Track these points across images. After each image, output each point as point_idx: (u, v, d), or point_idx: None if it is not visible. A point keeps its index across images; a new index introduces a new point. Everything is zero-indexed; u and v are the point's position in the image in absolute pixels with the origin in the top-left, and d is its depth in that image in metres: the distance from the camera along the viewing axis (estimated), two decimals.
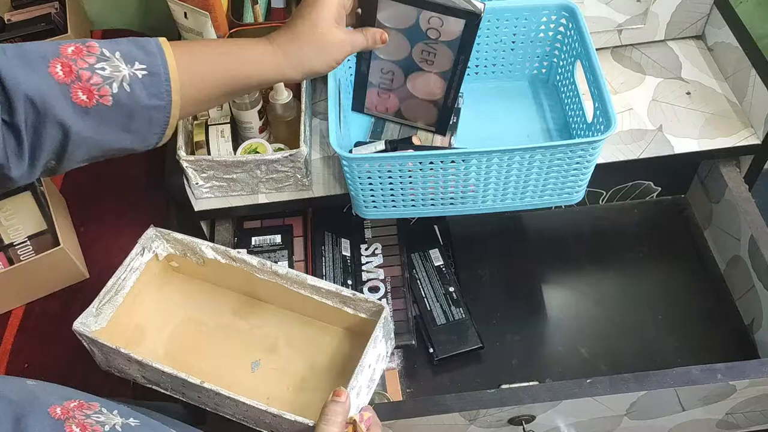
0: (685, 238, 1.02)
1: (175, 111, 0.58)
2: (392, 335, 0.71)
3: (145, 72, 0.56)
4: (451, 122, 0.85)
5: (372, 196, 0.77)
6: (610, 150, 0.86)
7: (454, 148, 0.82)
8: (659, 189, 1.04)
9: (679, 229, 1.03)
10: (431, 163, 0.71)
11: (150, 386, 0.70)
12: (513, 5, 0.82)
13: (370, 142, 0.83)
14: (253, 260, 0.71)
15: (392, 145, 0.80)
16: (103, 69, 0.54)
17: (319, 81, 0.96)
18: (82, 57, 0.54)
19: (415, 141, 0.81)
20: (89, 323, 0.69)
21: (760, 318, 0.88)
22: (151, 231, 0.74)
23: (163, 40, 0.58)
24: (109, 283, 0.71)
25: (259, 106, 0.84)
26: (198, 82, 0.60)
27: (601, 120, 0.74)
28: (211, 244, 0.73)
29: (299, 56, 0.64)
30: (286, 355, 0.73)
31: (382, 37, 0.70)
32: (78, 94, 0.53)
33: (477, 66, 0.89)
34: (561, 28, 0.83)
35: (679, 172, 1.03)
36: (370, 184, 0.75)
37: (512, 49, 0.87)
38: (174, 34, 0.88)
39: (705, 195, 1.00)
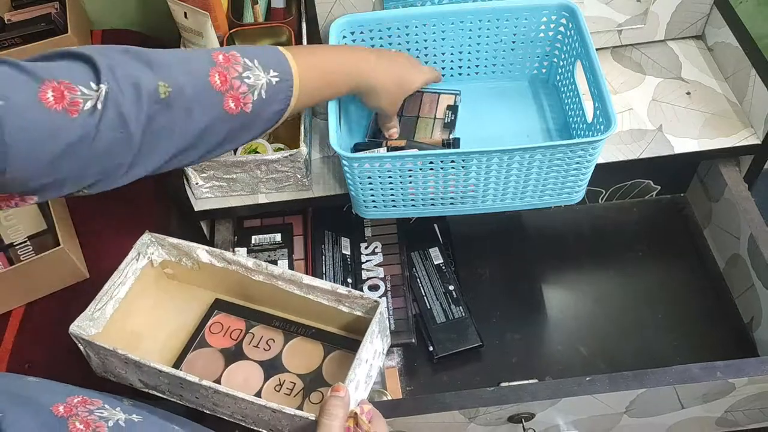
0: (685, 236, 1.02)
1: (285, 116, 0.62)
2: (388, 332, 0.72)
3: (278, 79, 0.59)
4: (449, 120, 0.85)
5: (372, 196, 0.77)
6: (610, 150, 0.86)
7: (452, 139, 0.83)
8: (659, 188, 1.04)
9: (679, 228, 1.03)
10: (431, 163, 0.72)
11: (147, 390, 0.70)
12: (513, 5, 0.82)
13: (370, 141, 0.83)
14: (249, 262, 0.71)
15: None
16: (248, 78, 0.57)
17: None
18: (231, 65, 0.57)
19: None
20: (86, 327, 0.69)
21: (759, 316, 0.88)
22: (146, 237, 0.74)
23: (280, 48, 0.62)
24: (105, 287, 0.71)
25: None
26: (307, 92, 0.63)
27: (601, 120, 0.74)
28: (206, 247, 0.73)
29: (384, 88, 0.73)
30: (284, 359, 0.73)
31: (438, 76, 0.84)
32: (229, 103, 0.56)
33: (477, 66, 0.89)
34: (561, 28, 0.84)
35: (679, 171, 1.03)
36: (370, 184, 0.75)
37: (512, 49, 0.87)
38: (174, 34, 0.88)
39: (704, 194, 1.00)
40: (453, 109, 0.87)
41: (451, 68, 0.89)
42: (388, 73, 0.73)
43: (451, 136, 0.84)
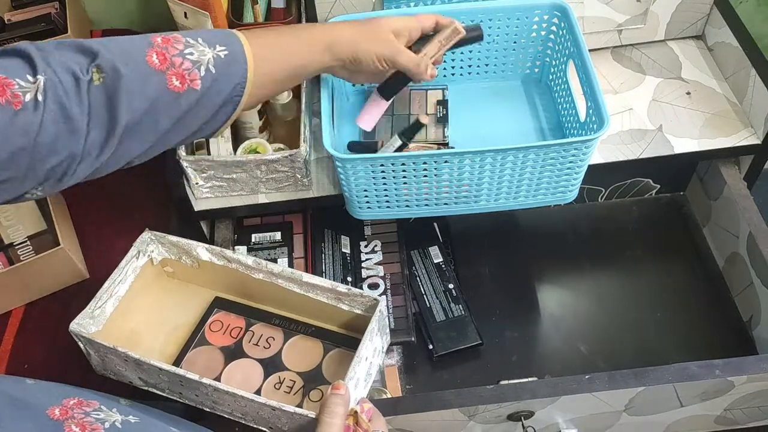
0: (684, 235, 1.02)
1: (248, 90, 0.59)
2: (387, 330, 0.72)
3: (226, 52, 0.57)
4: (441, 114, 0.85)
5: (366, 196, 0.77)
6: (611, 150, 0.86)
7: (446, 136, 0.83)
8: (658, 186, 1.04)
9: (678, 227, 1.03)
10: (425, 163, 0.72)
11: (147, 389, 0.70)
12: (505, 5, 0.82)
13: (366, 141, 0.83)
14: (249, 260, 0.71)
15: (406, 136, 0.77)
16: (191, 54, 0.55)
17: (318, 81, 0.96)
18: (171, 45, 0.55)
19: (423, 120, 0.78)
20: (86, 324, 0.69)
21: (758, 314, 0.88)
22: (146, 234, 0.74)
23: (233, 30, 0.61)
24: (105, 285, 0.71)
25: (259, 106, 0.84)
26: (264, 63, 0.61)
27: (594, 119, 0.74)
28: (206, 245, 0.74)
29: (352, 34, 0.68)
30: (284, 357, 0.73)
31: (431, 72, 0.72)
32: (173, 81, 0.54)
33: (470, 66, 0.89)
34: (553, 28, 0.84)
35: (679, 170, 1.03)
36: (364, 184, 0.75)
37: (505, 49, 0.87)
38: None
39: (704, 192, 1.00)
40: (443, 103, 0.87)
41: (444, 68, 0.90)
42: (356, 27, 0.68)
43: (447, 131, 0.84)
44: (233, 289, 0.77)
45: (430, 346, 0.88)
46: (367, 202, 0.78)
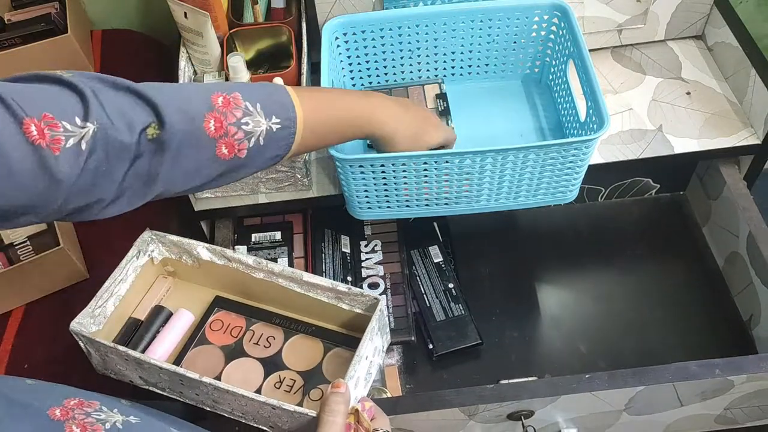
0: (684, 234, 1.02)
1: (283, 161, 0.60)
2: (388, 330, 0.72)
3: (279, 126, 0.56)
4: (442, 108, 0.86)
5: (366, 196, 0.77)
6: (611, 150, 0.86)
7: (451, 128, 0.83)
8: (658, 186, 1.04)
9: (678, 226, 1.03)
10: (425, 163, 0.72)
11: (147, 387, 0.70)
12: (505, 5, 0.82)
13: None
14: (249, 259, 0.71)
15: None
16: (246, 124, 0.54)
17: (318, 81, 0.96)
18: (230, 110, 0.54)
19: None
20: (86, 324, 0.69)
21: (758, 314, 0.88)
22: (147, 234, 0.74)
23: (290, 89, 0.59)
24: (106, 284, 0.71)
25: None
26: (311, 143, 0.61)
27: (594, 119, 0.74)
28: (206, 245, 0.74)
29: (400, 141, 0.69)
30: (284, 356, 0.73)
31: (453, 139, 0.77)
32: (222, 149, 0.53)
33: (470, 66, 0.89)
34: (553, 28, 0.84)
35: (678, 170, 1.03)
36: (364, 184, 0.75)
37: (505, 49, 0.87)
38: (174, 34, 0.88)
39: (703, 192, 1.00)
40: (442, 96, 0.87)
41: (444, 68, 0.90)
42: (408, 125, 0.70)
43: (451, 123, 0.84)
44: (234, 288, 0.77)
45: (430, 346, 0.88)
46: (368, 202, 0.78)
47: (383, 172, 0.73)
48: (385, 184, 0.75)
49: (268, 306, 0.76)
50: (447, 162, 0.71)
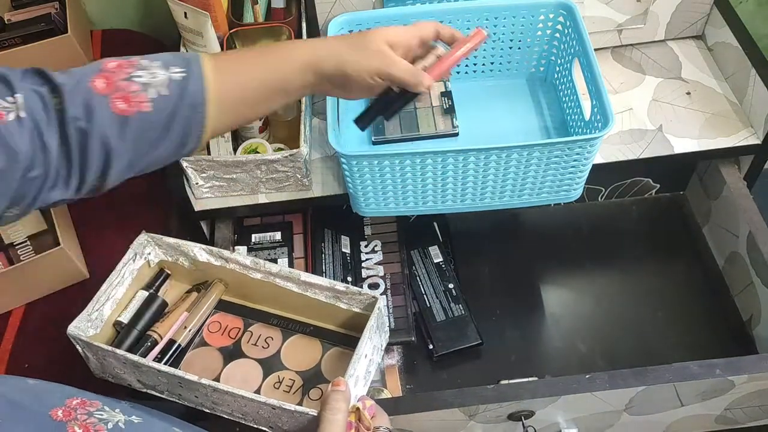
0: (684, 234, 1.02)
1: (212, 110, 0.58)
2: (386, 328, 0.72)
3: (183, 74, 0.56)
4: (447, 106, 0.86)
5: (370, 193, 0.77)
6: (611, 150, 0.86)
7: (456, 126, 0.84)
8: (658, 186, 1.04)
9: (678, 226, 1.03)
10: (429, 161, 0.72)
11: (146, 391, 0.70)
12: (511, 3, 0.82)
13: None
14: (247, 260, 0.71)
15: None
16: (140, 77, 0.55)
17: None
18: (122, 69, 0.55)
19: None
20: (84, 327, 0.69)
21: (758, 314, 0.88)
22: (143, 237, 0.74)
23: (207, 54, 0.59)
24: (102, 288, 0.71)
25: None
26: (231, 84, 0.59)
27: (598, 118, 0.74)
28: (204, 246, 0.73)
29: (337, 47, 0.63)
30: (283, 356, 0.73)
31: (428, 83, 0.66)
32: (117, 104, 0.53)
33: (475, 65, 0.89)
34: (559, 27, 0.84)
35: (678, 170, 1.03)
36: (369, 181, 0.75)
37: (510, 48, 0.87)
38: (174, 34, 0.88)
39: (703, 192, 1.00)
40: (447, 94, 0.87)
41: None
42: (330, 58, 0.62)
43: (456, 120, 0.84)
44: (231, 289, 0.77)
45: (430, 346, 0.88)
46: (372, 198, 0.78)
47: (387, 168, 0.73)
48: (389, 181, 0.75)
49: (266, 307, 0.76)
50: (451, 159, 0.71)
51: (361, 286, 0.90)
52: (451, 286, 0.92)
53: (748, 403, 0.78)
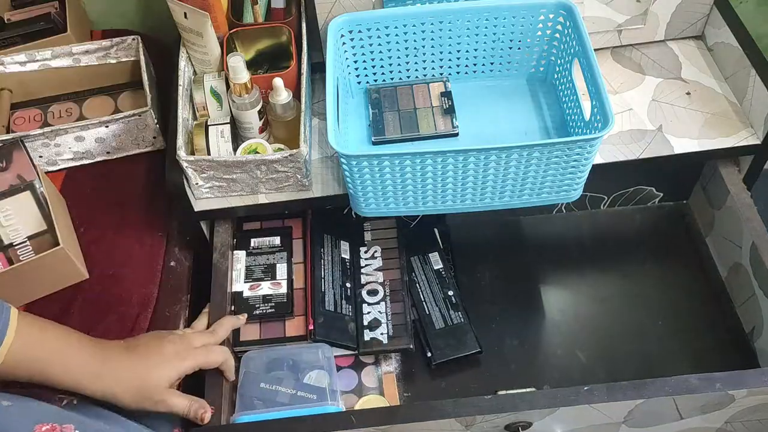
0: (687, 244, 1.01)
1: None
2: None
3: None
4: (447, 106, 0.86)
5: (370, 193, 0.77)
6: (610, 150, 0.85)
7: (455, 126, 0.84)
8: (661, 195, 1.03)
9: (681, 236, 1.02)
10: (429, 160, 0.71)
11: None
12: (510, 4, 0.82)
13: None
14: (20, 56, 0.90)
15: None
16: None
17: (318, 81, 0.96)
18: None
19: None
20: None
21: (760, 326, 0.87)
22: None
23: (19, 313, 0.63)
24: None
25: (259, 106, 0.83)
26: (27, 347, 0.63)
27: (598, 118, 0.74)
28: None
29: (121, 396, 0.66)
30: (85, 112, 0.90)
31: (202, 415, 0.70)
32: None
33: (475, 65, 0.89)
34: (559, 27, 0.84)
35: (681, 178, 1.02)
36: (369, 181, 0.74)
37: (510, 48, 0.87)
38: (174, 34, 0.87)
39: (707, 201, 0.99)
40: (447, 95, 0.87)
41: (449, 66, 0.90)
42: (123, 383, 0.66)
43: (456, 121, 0.84)
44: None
45: (429, 354, 0.87)
46: (372, 199, 0.78)
47: (387, 168, 0.72)
48: (389, 181, 0.75)
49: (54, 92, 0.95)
50: (451, 159, 0.71)
51: (360, 293, 0.89)
52: (450, 293, 0.91)
53: (749, 417, 0.77)
